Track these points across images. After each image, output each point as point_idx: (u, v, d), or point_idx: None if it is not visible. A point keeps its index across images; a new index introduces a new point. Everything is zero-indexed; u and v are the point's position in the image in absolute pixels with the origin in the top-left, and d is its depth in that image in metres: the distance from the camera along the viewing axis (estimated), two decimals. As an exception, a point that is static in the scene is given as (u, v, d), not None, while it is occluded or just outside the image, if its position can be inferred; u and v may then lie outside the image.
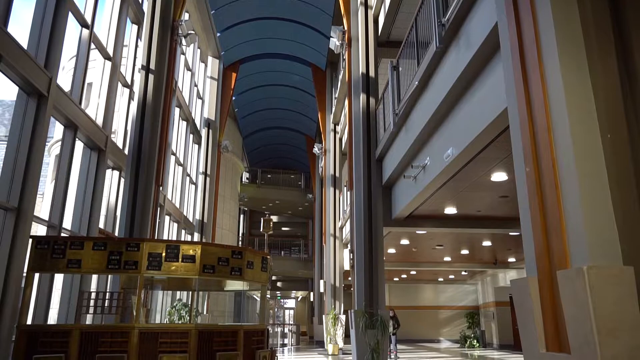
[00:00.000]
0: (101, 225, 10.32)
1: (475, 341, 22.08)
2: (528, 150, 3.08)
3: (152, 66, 11.09)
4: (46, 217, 8.48)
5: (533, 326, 2.79)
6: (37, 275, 7.55)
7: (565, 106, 2.77)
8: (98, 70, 10.24)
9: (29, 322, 7.14)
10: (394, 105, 9.41)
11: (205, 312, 17.37)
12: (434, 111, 7.40)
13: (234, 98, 22.57)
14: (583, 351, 2.32)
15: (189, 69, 17.33)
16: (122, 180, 11.20)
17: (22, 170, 7.51)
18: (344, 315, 18.31)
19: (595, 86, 2.85)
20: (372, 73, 11.67)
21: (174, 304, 13.74)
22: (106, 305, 7.45)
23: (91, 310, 7.43)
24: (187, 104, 17.05)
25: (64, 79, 9.70)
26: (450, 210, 11.05)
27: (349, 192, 15.21)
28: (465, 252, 17.84)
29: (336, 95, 20.42)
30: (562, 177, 2.76)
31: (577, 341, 2.37)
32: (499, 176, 8.37)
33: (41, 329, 5.91)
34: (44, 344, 5.60)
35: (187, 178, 17.66)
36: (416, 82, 7.79)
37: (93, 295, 7.58)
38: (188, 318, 12.20)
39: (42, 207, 10.69)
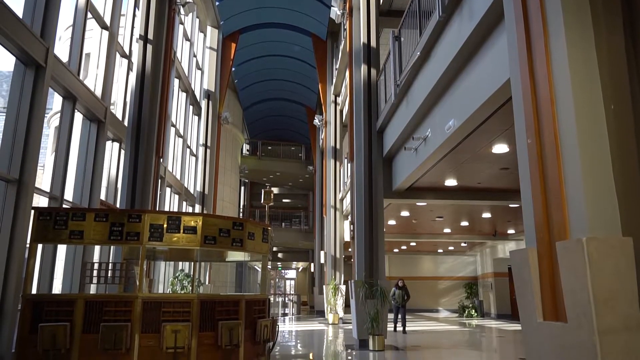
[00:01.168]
0: (102, 196, 10.36)
1: (473, 311, 22.44)
2: (530, 121, 3.06)
3: (151, 36, 10.93)
4: (47, 189, 8.50)
5: (531, 296, 2.83)
6: (40, 246, 7.63)
7: (569, 77, 2.73)
8: (95, 40, 10.09)
9: (33, 291, 7.25)
10: (396, 76, 9.31)
11: (207, 283, 17.61)
12: (435, 82, 7.33)
13: (233, 69, 22.31)
14: (580, 320, 2.36)
15: (187, 39, 17.09)
16: (123, 152, 11.18)
17: (22, 142, 7.49)
18: (344, 286, 18.56)
19: (600, 57, 2.80)
20: (373, 43, 11.51)
21: (176, 275, 13.91)
22: (109, 275, 7.55)
23: (94, 280, 7.52)
24: (187, 75, 16.87)
25: (62, 50, 9.59)
26: (451, 182, 11.06)
27: (349, 164, 15.21)
28: (465, 223, 17.94)
29: (337, 66, 20.18)
30: (564, 148, 2.75)
31: (574, 311, 2.41)
32: (500, 148, 8.35)
33: (46, 298, 6.00)
34: (49, 312, 5.70)
35: (188, 150, 17.64)
36: (418, 53, 7.68)
37: (96, 266, 7.67)
38: (190, 288, 12.36)
39: (43, 179, 10.71)
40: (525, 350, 2.99)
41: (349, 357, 8.84)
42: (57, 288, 8.82)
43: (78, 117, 9.44)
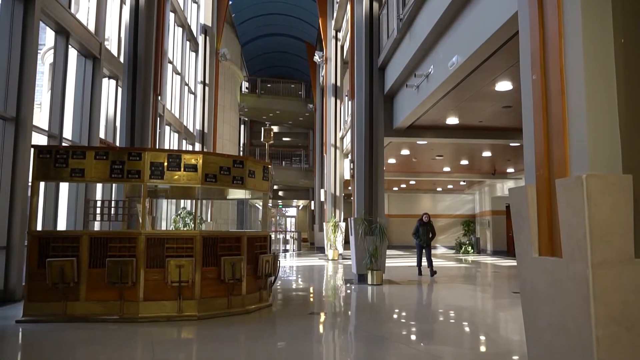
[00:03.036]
0: (101, 135, 10.32)
1: (470, 247, 23.00)
2: (536, 56, 2.97)
3: (143, -34, 10.44)
4: (46, 127, 8.45)
5: (528, 232, 2.87)
6: (42, 184, 7.69)
7: (579, 9, 2.63)
8: (85, -30, 9.66)
9: (39, 228, 7.39)
10: (399, 9, 8.98)
11: (209, 220, 17.91)
12: (440, 16, 7.08)
13: (230, 2, 21.49)
14: (575, 255, 2.41)
15: (182, -30, 16.37)
16: (120, 89, 11.01)
17: (17, 79, 7.36)
18: (344, 223, 18.91)
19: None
20: (376, -26, 11.01)
21: (179, 212, 14.13)
22: (112, 213, 7.66)
23: (98, 217, 7.65)
24: (182, 8, 16.28)
25: (51, -19, 9.16)
26: (452, 120, 10.98)
27: (350, 102, 15.02)
28: (464, 162, 17.99)
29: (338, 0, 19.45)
30: (569, 84, 2.69)
31: (570, 246, 2.45)
32: (504, 85, 8.20)
33: (51, 235, 6.12)
34: (56, 248, 5.83)
35: (186, 87, 17.36)
36: (423, -16, 7.38)
37: (99, 204, 7.77)
38: (193, 225, 12.60)
39: (41, 118, 10.61)
40: (519, 285, 3.08)
41: (348, 291, 9.15)
42: (62, 226, 8.98)
43: (72, 54, 9.22)
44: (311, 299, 8.25)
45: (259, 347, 4.75)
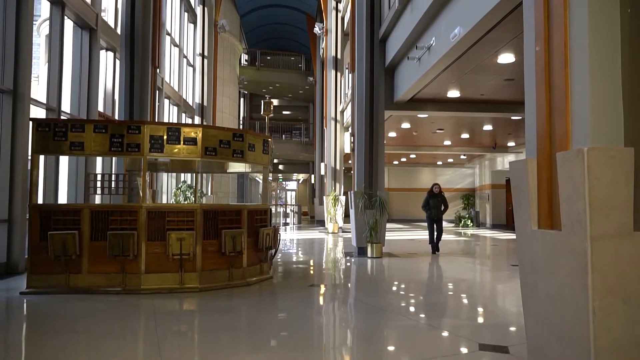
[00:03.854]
0: (100, 108, 10.24)
1: (469, 221, 23.11)
2: (540, 28, 2.93)
3: None
4: (44, 100, 8.39)
5: (527, 205, 2.88)
6: (42, 157, 7.68)
7: (585, -22, 2.57)
8: (80, -62, 9.42)
9: (40, 202, 7.41)
10: (400, -21, 8.80)
11: (209, 194, 17.96)
12: (442, -14, 6.95)
13: (229, -28, 21.06)
14: (574, 228, 2.42)
15: (178, -62, 15.99)
16: (118, 62, 10.88)
17: (13, 51, 7.28)
18: (344, 197, 18.96)
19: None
20: (377, -58, 10.75)
21: (179, 186, 14.16)
22: (112, 187, 7.67)
23: (98, 191, 7.66)
24: (179, -22, 15.97)
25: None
26: (453, 93, 10.88)
27: (350, 75, 14.86)
28: (465, 136, 17.92)
29: (338, -31, 19.04)
30: (573, 56, 2.65)
31: (569, 219, 2.46)
32: (506, 58, 8.10)
33: (53, 208, 6.14)
34: (57, 221, 5.86)
35: (184, 60, 17.16)
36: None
37: (99, 178, 7.77)
38: (193, 199, 12.64)
39: (39, 90, 10.52)
40: (518, 257, 3.10)
41: (348, 264, 9.25)
42: (63, 199, 9.01)
43: (68, 25, 9.08)
44: (311, 272, 8.34)
45: (260, 318, 4.82)
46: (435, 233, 10.55)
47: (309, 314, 5.22)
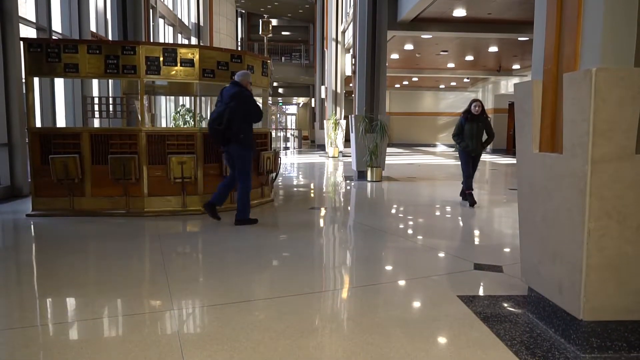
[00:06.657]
0: (92, 28, 9.89)
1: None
2: (555, -63, 2.74)
3: None
4: (33, 19, 8.08)
5: (530, 128, 2.85)
6: (37, 80, 7.52)
7: None
8: None
9: (38, 125, 7.36)
10: None
11: (209, 118, 17.80)
12: None
13: None
14: (575, 151, 2.40)
15: None
16: (108, -23, 10.35)
17: (-4, -35, 6.89)
18: (345, 121, 18.82)
19: None
20: None
21: (178, 110, 14.00)
22: (110, 110, 7.57)
23: (97, 115, 7.57)
24: None
25: None
26: (459, 12, 10.45)
27: (352, -7, 14.19)
28: (469, 58, 17.48)
29: None
30: (589, -31, 2.50)
31: (571, 142, 2.44)
32: (517, -27, 7.69)
33: (52, 131, 6.11)
34: (57, 145, 5.85)
35: (178, -24, 16.32)
36: None
37: (96, 101, 7.65)
38: (193, 123, 12.56)
39: (27, 9, 10.10)
40: (517, 181, 3.12)
41: (348, 187, 9.36)
42: (61, 123, 8.94)
43: (53, -64, 8.53)
44: (312, 195, 8.46)
45: (262, 238, 4.95)
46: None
47: (309, 235, 5.35)
